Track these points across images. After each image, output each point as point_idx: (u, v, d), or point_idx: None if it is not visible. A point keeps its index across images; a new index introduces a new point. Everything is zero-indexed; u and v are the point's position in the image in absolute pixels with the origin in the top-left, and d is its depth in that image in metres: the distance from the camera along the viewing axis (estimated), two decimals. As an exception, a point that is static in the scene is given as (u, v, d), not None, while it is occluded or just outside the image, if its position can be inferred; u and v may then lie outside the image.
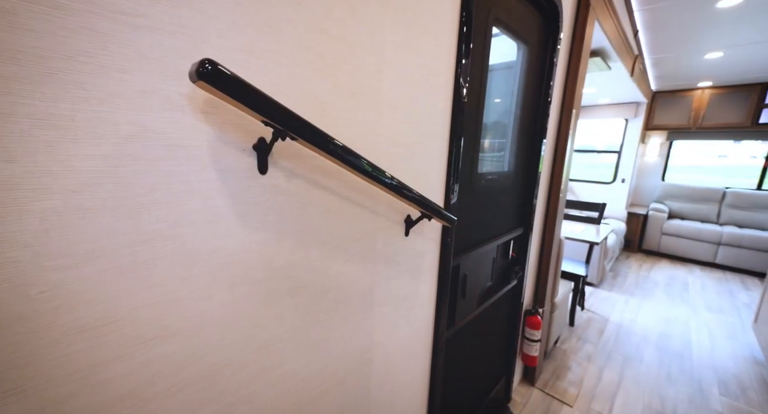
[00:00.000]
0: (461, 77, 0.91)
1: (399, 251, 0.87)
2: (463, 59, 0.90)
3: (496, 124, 1.34)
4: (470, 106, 1.05)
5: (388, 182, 0.66)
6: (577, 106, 1.68)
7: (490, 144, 1.33)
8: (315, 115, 0.60)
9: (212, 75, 0.38)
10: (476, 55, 1.01)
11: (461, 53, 0.89)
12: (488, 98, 1.15)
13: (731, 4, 2.31)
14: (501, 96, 1.33)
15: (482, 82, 1.08)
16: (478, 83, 1.06)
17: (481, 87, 1.08)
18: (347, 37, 0.62)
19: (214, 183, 0.48)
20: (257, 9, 0.49)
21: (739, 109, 4.12)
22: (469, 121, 1.05)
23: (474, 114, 1.08)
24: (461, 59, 0.90)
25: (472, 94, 1.04)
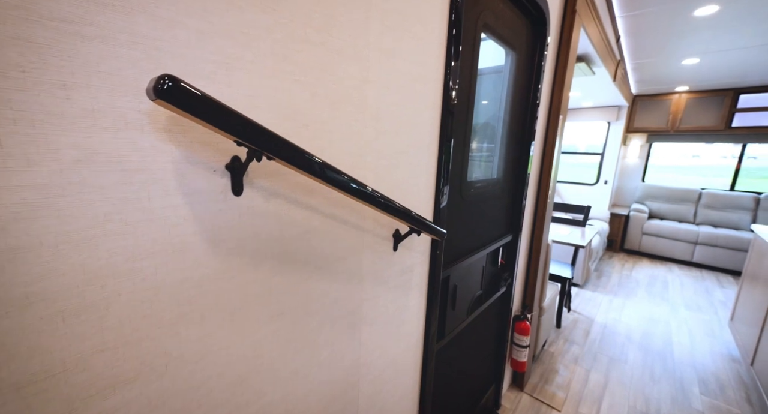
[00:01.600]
0: (450, 83, 0.88)
1: (387, 267, 0.83)
2: (452, 64, 0.87)
3: (486, 130, 1.32)
4: (459, 112, 1.02)
5: (375, 199, 0.63)
6: (564, 111, 1.69)
7: (479, 150, 1.31)
8: (295, 128, 0.55)
9: (173, 93, 0.33)
10: (465, 61, 0.99)
11: (450, 59, 0.87)
12: (477, 103, 1.12)
13: (707, 13, 2.38)
14: (490, 100, 1.31)
15: (471, 88, 1.06)
16: (467, 89, 1.04)
17: (470, 92, 1.06)
18: (329, 44, 0.58)
19: (180, 208, 0.43)
20: (228, 16, 0.44)
21: (714, 113, 4.29)
22: (459, 128, 1.03)
23: (463, 121, 1.05)
24: (450, 65, 0.87)
25: (461, 100, 1.01)
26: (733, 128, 4.22)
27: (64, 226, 0.34)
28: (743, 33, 2.66)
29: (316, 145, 0.59)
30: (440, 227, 0.91)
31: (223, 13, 0.44)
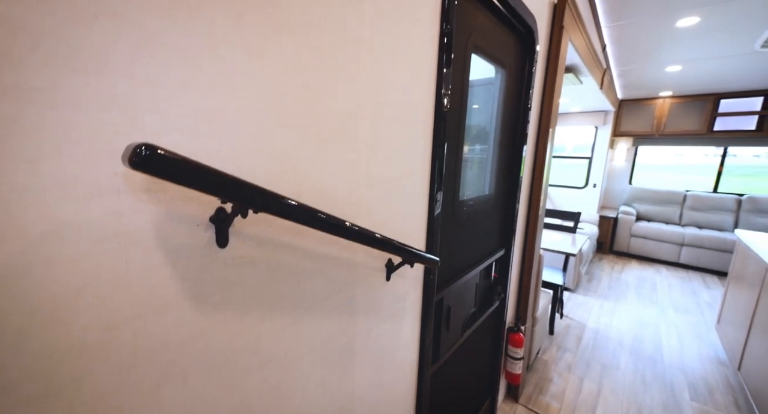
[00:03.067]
0: (442, 110, 0.87)
1: (380, 297, 0.82)
2: (443, 92, 0.87)
3: (477, 148, 1.32)
4: (451, 138, 1.01)
5: (366, 238, 0.61)
6: (553, 124, 1.70)
7: (471, 168, 1.31)
8: (283, 173, 0.54)
9: (151, 162, 0.31)
10: (455, 85, 0.98)
11: (441, 87, 0.86)
12: (468, 120, 1.12)
13: (689, 24, 2.45)
14: (480, 119, 1.32)
15: (462, 113, 1.05)
16: (458, 116, 1.03)
17: (460, 119, 1.05)
18: (319, 82, 0.57)
19: (161, 268, 0.41)
20: (211, 67, 0.43)
21: (697, 118, 4.40)
22: (450, 150, 1.02)
23: (454, 143, 1.05)
24: (441, 93, 0.86)
25: (452, 127, 1.01)
26: (715, 132, 4.34)
27: (29, 306, 0.32)
28: (723, 43, 2.74)
29: (305, 187, 0.58)
30: (433, 254, 0.90)
31: (206, 65, 0.42)
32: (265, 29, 0.48)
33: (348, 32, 0.60)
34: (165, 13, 0.38)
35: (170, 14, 0.38)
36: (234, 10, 0.44)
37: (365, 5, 0.62)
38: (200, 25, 0.41)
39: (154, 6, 0.37)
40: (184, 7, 0.39)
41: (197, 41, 0.41)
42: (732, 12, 2.25)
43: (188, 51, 0.40)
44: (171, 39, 0.39)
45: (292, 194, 0.56)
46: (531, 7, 1.30)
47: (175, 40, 0.39)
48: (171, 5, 0.38)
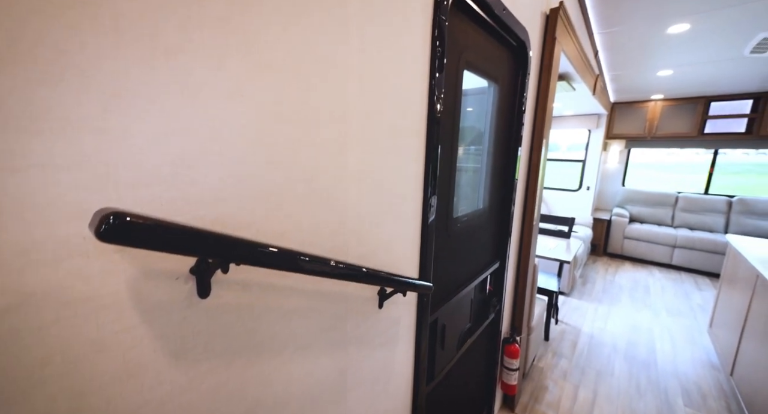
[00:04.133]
0: (434, 134, 0.86)
1: (373, 326, 0.80)
2: (436, 117, 0.85)
3: (470, 164, 1.31)
4: (443, 157, 1.00)
5: (356, 276, 0.60)
6: (546, 135, 1.70)
7: (465, 184, 1.30)
8: (267, 214, 0.52)
9: (119, 233, 0.30)
10: (447, 108, 0.97)
11: (433, 115, 0.84)
12: (461, 137, 1.11)
13: (679, 30, 2.47)
14: (473, 133, 1.30)
15: (454, 132, 1.04)
16: (449, 135, 1.02)
17: (453, 137, 1.04)
18: (305, 116, 0.55)
19: (137, 329, 0.39)
20: (190, 112, 0.41)
21: (688, 120, 4.45)
22: (443, 172, 1.01)
23: (447, 165, 1.03)
24: (434, 118, 0.85)
25: (444, 148, 0.99)
26: (706, 134, 4.40)
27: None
28: (713, 49, 2.77)
29: (292, 224, 0.56)
30: (427, 279, 0.89)
31: (185, 111, 0.40)
32: (247, 70, 0.46)
33: (334, 66, 0.58)
34: (140, 62, 0.36)
35: (146, 62, 0.36)
36: (215, 52, 0.42)
37: (352, 39, 0.61)
38: (178, 71, 0.39)
39: (128, 55, 0.35)
40: (160, 54, 0.37)
41: (175, 88, 0.39)
42: (721, 19, 2.27)
43: (165, 98, 0.38)
44: (146, 88, 0.37)
45: (277, 234, 0.54)
46: (523, 20, 1.30)
47: (151, 88, 0.37)
48: (146, 53, 0.36)
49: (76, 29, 0.32)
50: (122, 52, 0.35)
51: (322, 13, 0.55)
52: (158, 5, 0.37)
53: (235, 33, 0.44)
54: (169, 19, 0.38)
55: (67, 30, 0.31)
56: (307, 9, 0.52)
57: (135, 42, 0.35)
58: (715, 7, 2.12)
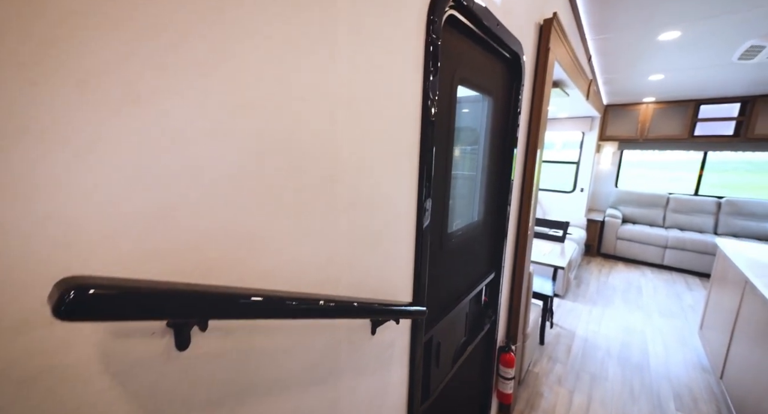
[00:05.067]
0: (428, 157, 0.84)
1: (366, 353, 0.79)
2: (429, 145, 0.84)
3: (465, 179, 1.30)
4: (438, 175, 0.98)
5: (347, 310, 0.58)
6: (540, 145, 1.70)
7: (460, 198, 1.29)
8: (252, 253, 0.50)
9: (82, 310, 0.27)
10: (441, 127, 0.95)
11: (426, 135, 0.83)
12: (455, 154, 1.09)
13: (670, 37, 2.49)
14: (468, 146, 1.29)
15: (449, 149, 1.02)
16: (444, 151, 1.00)
17: (447, 154, 1.02)
18: (291, 151, 0.53)
19: (105, 393, 0.37)
20: (164, 156, 0.38)
21: (678, 123, 4.51)
22: (437, 191, 0.99)
23: (441, 183, 1.02)
24: (427, 144, 0.83)
25: (439, 165, 0.98)
26: (696, 137, 4.46)
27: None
28: (702, 54, 2.80)
29: (280, 262, 0.54)
30: (421, 302, 0.87)
31: (163, 156, 0.38)
32: (229, 110, 0.44)
33: (323, 96, 0.56)
34: (113, 111, 0.34)
35: (119, 110, 0.34)
36: (194, 95, 0.40)
37: (340, 65, 0.59)
38: (154, 118, 0.37)
39: (100, 106, 0.33)
40: (135, 101, 0.35)
41: (152, 134, 0.37)
42: (711, 27, 2.29)
43: (142, 146, 0.36)
44: (119, 136, 0.34)
45: (263, 273, 0.52)
46: (517, 32, 1.29)
47: (125, 136, 0.35)
48: (120, 101, 0.34)
49: (37, 86, 0.29)
50: (92, 104, 0.32)
51: (309, 40, 0.52)
52: (131, 54, 0.34)
53: (215, 73, 0.42)
54: (145, 67, 0.35)
55: (30, 87, 0.29)
56: (293, 37, 0.50)
57: (107, 93, 0.33)
58: (704, 16, 2.14)
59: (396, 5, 0.69)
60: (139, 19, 0.35)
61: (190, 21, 0.39)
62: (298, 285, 0.58)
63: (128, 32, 0.34)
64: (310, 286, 0.60)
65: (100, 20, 0.32)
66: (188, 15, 0.39)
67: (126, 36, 0.34)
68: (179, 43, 0.38)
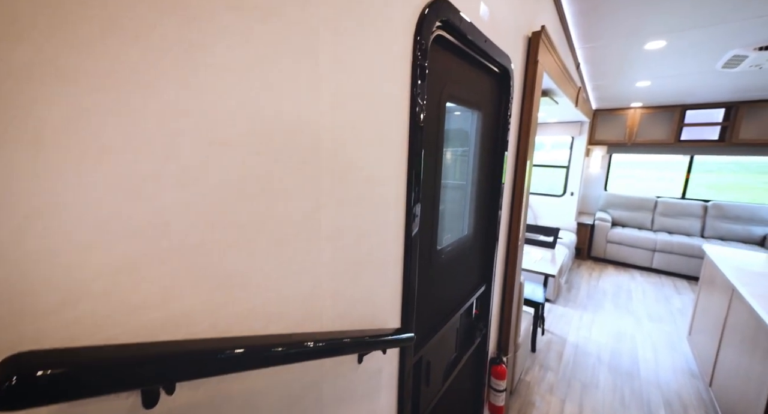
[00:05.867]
0: (414, 177, 0.83)
1: (352, 382, 0.76)
2: (417, 172, 0.82)
3: (455, 194, 1.29)
4: (426, 195, 0.97)
5: (331, 350, 0.56)
6: (530, 156, 1.70)
7: (450, 211, 1.28)
8: (228, 299, 0.47)
9: (26, 398, 0.25)
10: (429, 147, 0.94)
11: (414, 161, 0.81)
12: (444, 167, 1.08)
13: (656, 46, 2.53)
14: (457, 160, 1.28)
15: (437, 169, 1.01)
16: (432, 170, 0.99)
17: (435, 173, 1.01)
18: (273, 187, 0.51)
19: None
20: (131, 207, 0.36)
21: (665, 128, 4.60)
22: (425, 211, 0.98)
23: (430, 201, 1.01)
24: (414, 173, 0.82)
25: (427, 185, 0.96)
26: (682, 141, 4.55)
27: None
28: (686, 62, 2.86)
29: (257, 301, 0.52)
30: (409, 326, 0.86)
31: (127, 207, 0.35)
32: (203, 150, 0.41)
33: (306, 127, 0.54)
34: (67, 168, 0.31)
35: (75, 166, 0.32)
36: (163, 142, 0.38)
37: (323, 94, 0.57)
38: (115, 171, 0.34)
39: (51, 165, 0.30)
40: (93, 153, 0.33)
41: (121, 183, 0.34)
42: (695, 38, 2.34)
43: (103, 200, 0.34)
44: (84, 190, 0.32)
45: (241, 315, 0.49)
46: (506, 46, 1.28)
47: (84, 186, 0.32)
48: (79, 154, 0.32)
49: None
50: (51, 163, 0.30)
51: (291, 71, 0.51)
52: (92, 109, 0.32)
53: (187, 118, 0.39)
54: (108, 116, 0.33)
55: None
56: (275, 65, 0.48)
57: (67, 148, 0.31)
58: (689, 27, 2.18)
59: (380, 29, 0.67)
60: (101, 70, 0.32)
61: (154, 76, 0.37)
62: (279, 323, 0.56)
63: (88, 85, 0.32)
64: (292, 323, 0.58)
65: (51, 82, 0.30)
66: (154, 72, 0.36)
67: (82, 90, 0.32)
68: (144, 95, 0.36)
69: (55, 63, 0.30)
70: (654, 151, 4.90)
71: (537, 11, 1.63)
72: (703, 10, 1.97)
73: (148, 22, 0.35)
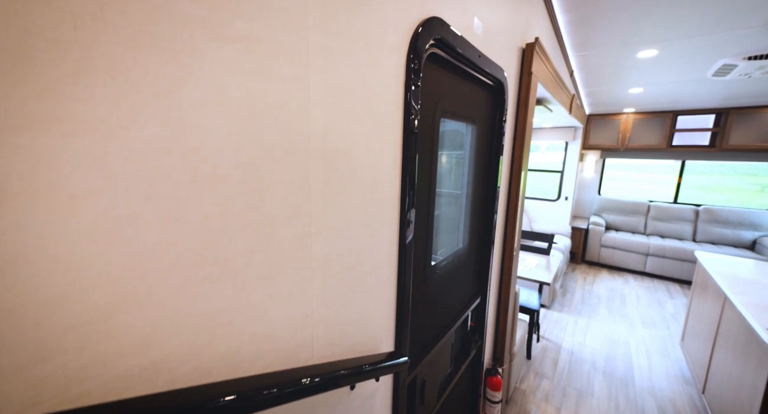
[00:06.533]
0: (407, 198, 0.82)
1: (344, 408, 0.75)
2: (409, 193, 0.81)
3: (450, 209, 1.28)
4: (420, 218, 0.96)
5: (327, 383, 0.54)
6: (525, 166, 1.70)
7: (444, 227, 1.27)
8: (215, 337, 0.45)
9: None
10: (423, 162, 0.93)
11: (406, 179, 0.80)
12: (439, 183, 1.07)
13: (648, 55, 2.56)
14: (451, 175, 1.28)
15: (431, 187, 1.00)
16: (426, 186, 0.98)
17: (429, 193, 1.00)
18: (260, 212, 0.49)
19: None
20: (109, 255, 0.34)
21: (657, 133, 4.65)
22: (420, 227, 0.97)
23: (424, 227, 0.99)
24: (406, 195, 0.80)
25: (421, 200, 0.95)
26: (674, 146, 4.60)
27: None
28: (678, 71, 2.90)
29: (244, 337, 0.50)
30: (403, 349, 0.84)
31: (106, 249, 0.34)
32: (184, 193, 0.40)
33: (296, 155, 0.53)
34: (46, 211, 0.29)
35: (60, 208, 0.30)
36: (140, 189, 0.36)
37: (315, 122, 0.55)
38: (101, 207, 0.33)
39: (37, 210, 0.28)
40: (66, 199, 0.31)
41: (96, 228, 0.33)
42: (687, 47, 2.37)
43: (81, 238, 0.32)
44: (51, 228, 0.30)
45: (226, 355, 0.47)
46: (500, 58, 1.28)
47: (61, 229, 0.31)
48: (54, 200, 0.30)
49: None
50: (8, 216, 0.28)
51: (280, 96, 0.49)
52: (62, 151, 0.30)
53: (171, 150, 0.38)
54: (83, 161, 0.31)
55: None
56: (262, 95, 0.46)
57: (31, 196, 0.29)
58: (680, 37, 2.21)
59: (373, 51, 0.66)
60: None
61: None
62: (267, 357, 0.54)
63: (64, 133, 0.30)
64: (281, 357, 0.56)
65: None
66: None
67: (53, 136, 0.30)
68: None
69: (23, 111, 0.28)
70: (646, 156, 4.96)
71: (531, 22, 1.63)
72: (692, 22, 1.99)
73: (125, 60, 0.34)
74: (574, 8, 1.91)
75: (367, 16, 0.63)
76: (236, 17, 0.43)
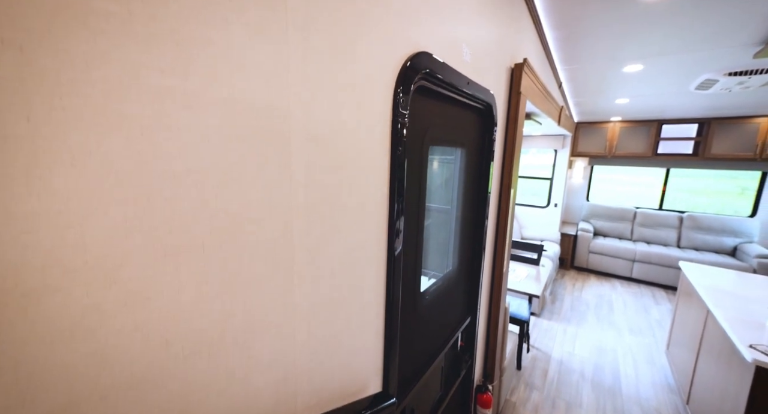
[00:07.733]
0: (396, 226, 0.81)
1: (330, 454, 0.73)
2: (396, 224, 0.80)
3: (438, 231, 1.27)
4: (409, 236, 0.95)
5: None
6: (514, 185, 1.71)
7: (433, 252, 1.26)
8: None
9: None
10: (411, 193, 0.92)
11: (393, 225, 0.79)
12: (428, 203, 1.06)
13: (634, 70, 2.61)
14: (440, 199, 1.27)
15: (419, 220, 0.99)
16: (415, 218, 0.97)
17: (418, 225, 0.98)
18: (247, 239, 0.47)
19: None
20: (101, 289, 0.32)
21: (643, 141, 4.76)
22: (408, 255, 0.96)
23: (414, 244, 0.98)
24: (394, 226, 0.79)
25: (410, 231, 0.94)
26: (659, 155, 4.72)
27: None
28: (662, 83, 2.97)
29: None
30: (391, 386, 0.83)
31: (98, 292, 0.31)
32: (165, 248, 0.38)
33: (277, 206, 0.51)
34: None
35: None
36: (118, 250, 0.34)
37: (295, 175, 0.54)
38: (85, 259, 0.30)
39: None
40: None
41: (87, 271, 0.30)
42: (671, 63, 2.43)
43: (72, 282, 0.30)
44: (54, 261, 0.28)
45: (212, 392, 0.45)
46: (489, 81, 1.28)
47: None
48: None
49: None
50: None
51: (263, 154, 0.47)
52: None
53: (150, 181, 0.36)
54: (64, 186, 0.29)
55: None
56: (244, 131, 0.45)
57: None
58: (664, 53, 2.26)
59: (359, 88, 0.65)
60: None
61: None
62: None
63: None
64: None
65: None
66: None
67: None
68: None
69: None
70: (632, 164, 5.07)
71: (520, 41, 1.64)
72: (674, 40, 2.04)
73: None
74: (562, 26, 1.93)
75: (352, 63, 0.62)
76: (212, 84, 0.41)
